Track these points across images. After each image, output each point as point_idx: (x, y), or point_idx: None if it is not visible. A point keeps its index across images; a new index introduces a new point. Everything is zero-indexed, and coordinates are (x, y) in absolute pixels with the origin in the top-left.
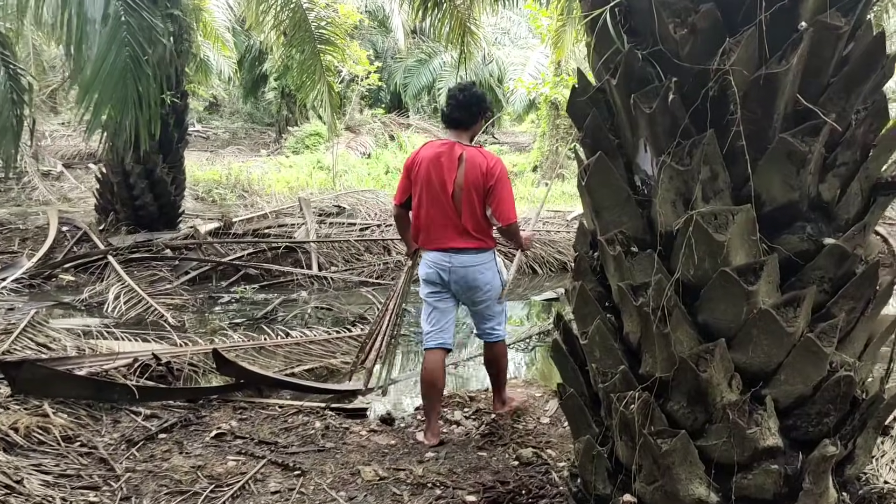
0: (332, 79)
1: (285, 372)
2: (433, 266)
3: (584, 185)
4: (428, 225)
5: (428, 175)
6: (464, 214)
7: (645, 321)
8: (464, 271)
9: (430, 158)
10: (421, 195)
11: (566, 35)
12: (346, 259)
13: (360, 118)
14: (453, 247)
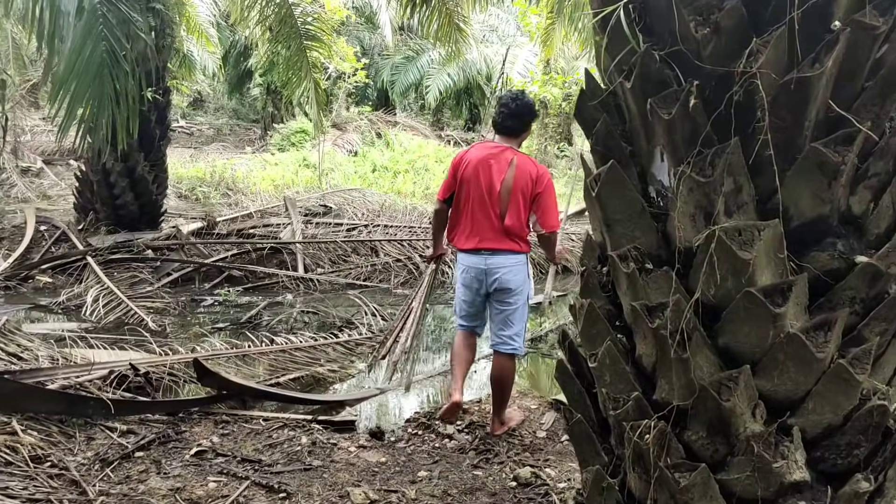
0: (319, 75)
1: (269, 381)
2: (469, 270)
3: (595, 196)
4: (468, 223)
5: (476, 174)
6: (507, 216)
7: (661, 345)
8: (498, 272)
9: (479, 159)
10: (465, 193)
11: (555, 33)
12: (332, 260)
13: (346, 115)
14: (490, 247)
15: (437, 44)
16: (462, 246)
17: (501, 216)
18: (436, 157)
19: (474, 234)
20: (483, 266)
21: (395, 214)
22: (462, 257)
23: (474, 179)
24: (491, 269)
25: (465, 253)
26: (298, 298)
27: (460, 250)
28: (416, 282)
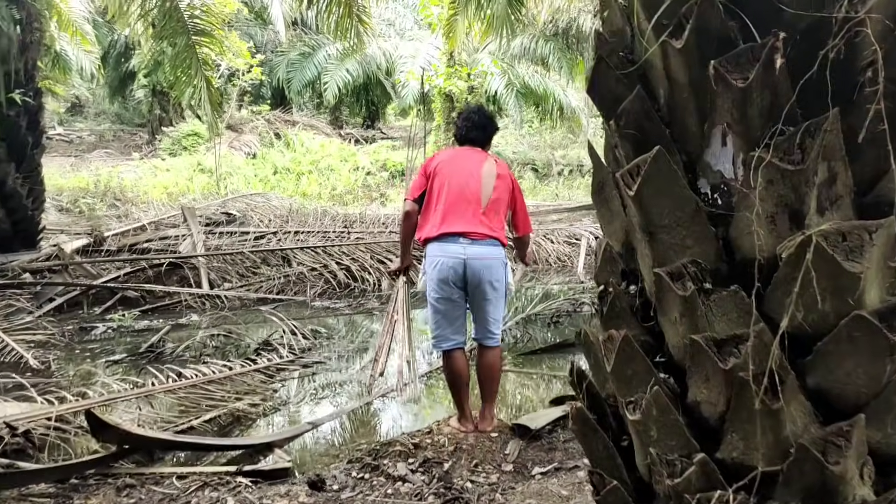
0: (211, 73)
1: (181, 426)
2: (447, 260)
3: (634, 196)
4: (447, 209)
5: (452, 165)
6: (489, 208)
7: (738, 391)
8: (479, 264)
9: (453, 154)
10: (440, 183)
11: (458, 24)
12: (240, 273)
13: (242, 116)
14: (470, 233)
15: (336, 37)
16: (435, 233)
17: (483, 205)
18: (340, 157)
19: (452, 220)
20: (462, 255)
21: (305, 219)
22: (435, 248)
23: (450, 170)
24: (471, 259)
25: (440, 241)
26: (205, 319)
27: (432, 239)
28: (335, 292)
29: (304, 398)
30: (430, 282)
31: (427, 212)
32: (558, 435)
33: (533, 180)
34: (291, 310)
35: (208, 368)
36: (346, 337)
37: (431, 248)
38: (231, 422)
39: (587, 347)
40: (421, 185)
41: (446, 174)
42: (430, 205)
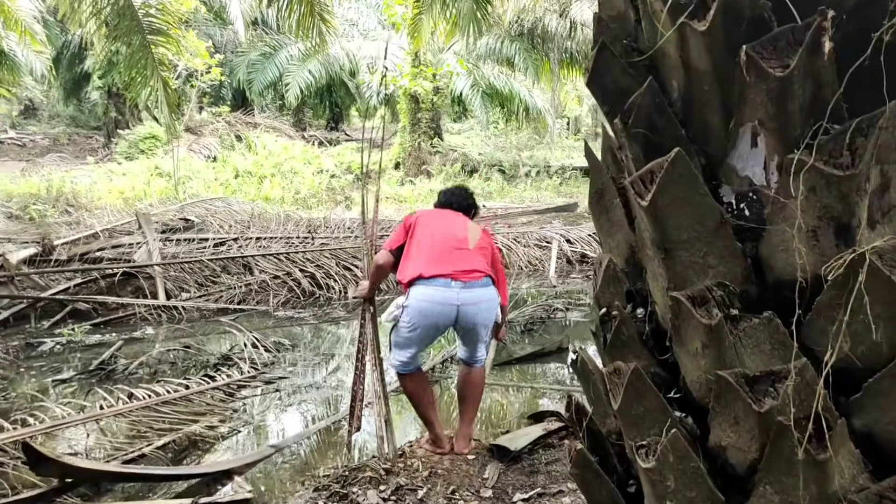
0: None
1: (131, 454)
2: (437, 307)
3: (648, 206)
4: (433, 251)
5: (437, 218)
6: (477, 249)
7: (776, 437)
8: (474, 309)
9: (438, 211)
10: (426, 231)
11: (423, 24)
12: (199, 283)
13: (201, 118)
14: (462, 275)
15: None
16: (422, 273)
17: (472, 247)
18: (303, 159)
19: (440, 262)
20: (455, 302)
21: (268, 224)
22: (422, 292)
23: (434, 221)
24: (465, 305)
25: (428, 285)
26: (161, 332)
27: (418, 280)
28: (300, 301)
29: (266, 418)
30: (409, 321)
31: (408, 256)
32: (539, 456)
33: (500, 182)
34: (254, 320)
35: (163, 388)
36: (312, 349)
37: (418, 291)
38: (187, 447)
39: (584, 378)
40: (399, 238)
41: (430, 224)
42: (411, 249)
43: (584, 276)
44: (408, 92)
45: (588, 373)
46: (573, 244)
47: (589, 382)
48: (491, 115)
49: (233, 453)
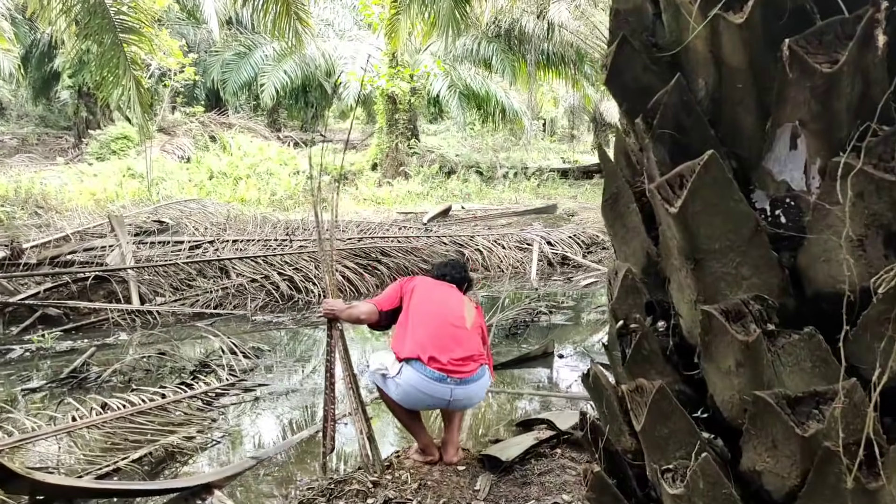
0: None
1: (105, 469)
2: (427, 398)
3: (678, 212)
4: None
5: (433, 288)
6: (473, 329)
7: (822, 464)
8: (466, 402)
9: (433, 281)
10: (422, 300)
11: (401, 24)
12: (174, 287)
13: (174, 118)
14: (458, 372)
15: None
16: (421, 357)
17: (468, 324)
18: (279, 160)
19: (437, 348)
20: (447, 396)
21: (245, 227)
22: (415, 378)
23: (430, 289)
24: (457, 399)
25: (423, 375)
26: (135, 337)
27: (416, 361)
28: (278, 305)
29: (246, 427)
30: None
31: (405, 327)
32: (532, 467)
33: (478, 183)
34: (231, 325)
35: (138, 397)
36: (292, 354)
37: (412, 376)
38: (164, 459)
39: (597, 394)
40: (392, 300)
41: (428, 296)
42: (409, 319)
43: (566, 279)
44: (385, 93)
45: (601, 388)
46: (554, 246)
47: (602, 399)
48: (467, 117)
49: (212, 465)
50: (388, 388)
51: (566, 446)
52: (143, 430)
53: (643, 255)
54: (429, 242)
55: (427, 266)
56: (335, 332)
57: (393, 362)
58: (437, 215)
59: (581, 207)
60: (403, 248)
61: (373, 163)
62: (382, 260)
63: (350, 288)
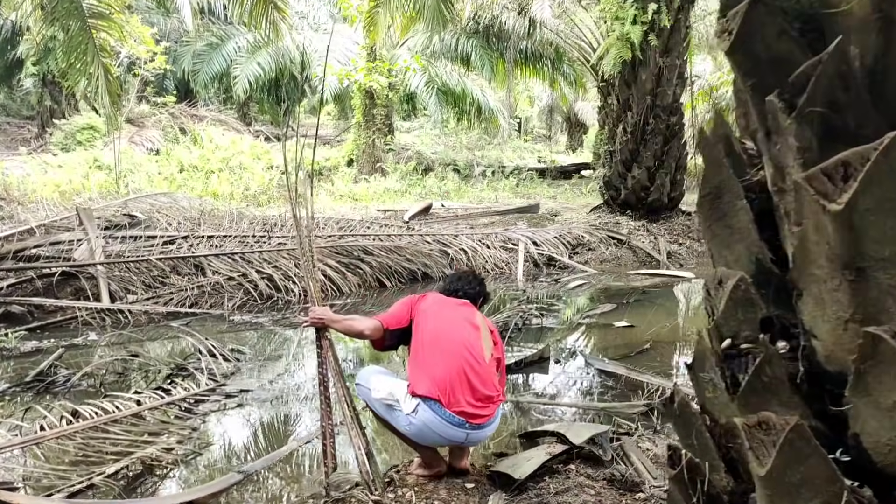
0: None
1: (78, 484)
2: (443, 440)
3: (842, 210)
4: (448, 369)
5: (447, 311)
6: (491, 362)
7: None
8: (478, 441)
9: (446, 300)
10: (438, 329)
11: (380, 17)
12: (146, 284)
13: (143, 109)
14: (477, 413)
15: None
16: (441, 399)
17: (486, 357)
18: (252, 154)
19: (455, 391)
20: (462, 439)
21: (220, 222)
22: (433, 421)
23: (444, 314)
24: (472, 440)
25: (443, 416)
26: (105, 338)
27: (435, 402)
28: (256, 305)
29: (230, 437)
30: (409, 429)
31: (419, 359)
32: (547, 485)
33: (457, 181)
34: (207, 325)
35: (111, 404)
36: (274, 357)
37: (429, 417)
38: (141, 473)
39: (684, 424)
40: (400, 319)
41: (440, 316)
42: (422, 351)
43: (552, 280)
44: (362, 87)
45: (690, 418)
46: (539, 247)
47: (691, 430)
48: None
49: (195, 480)
50: (397, 421)
51: (580, 462)
52: (117, 440)
53: (751, 261)
54: (412, 241)
55: (412, 266)
56: (325, 341)
57: (406, 397)
58: (418, 213)
59: (563, 207)
60: (386, 247)
61: (349, 158)
62: (365, 259)
63: (332, 287)
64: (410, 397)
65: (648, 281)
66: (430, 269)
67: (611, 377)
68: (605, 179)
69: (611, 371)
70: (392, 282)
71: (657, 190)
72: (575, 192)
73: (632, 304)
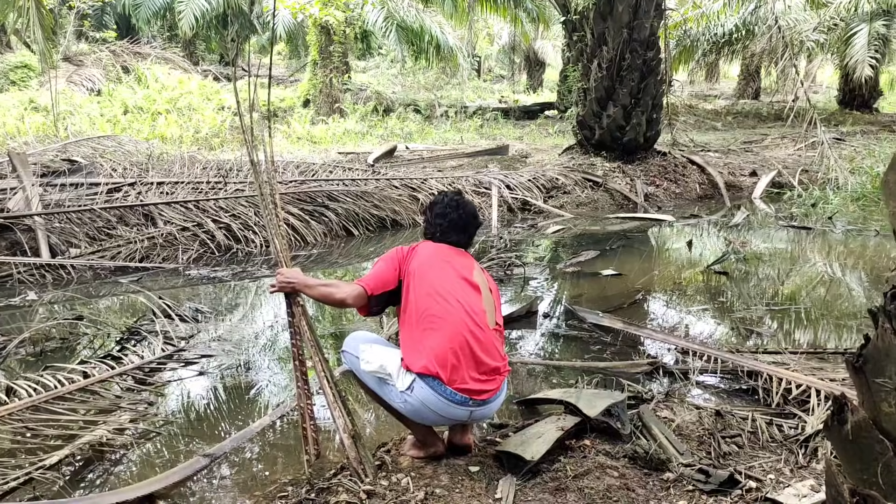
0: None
1: (14, 480)
2: (442, 419)
3: None
4: (450, 338)
5: (441, 270)
6: (494, 329)
7: None
8: (483, 418)
9: (437, 252)
10: (433, 294)
11: None
12: (91, 236)
13: (81, 48)
14: (482, 389)
15: None
16: (441, 375)
17: (490, 322)
18: (202, 95)
19: (458, 363)
20: (465, 417)
21: (170, 167)
22: (432, 399)
23: (438, 274)
24: (474, 419)
25: (443, 394)
26: (46, 297)
27: (434, 378)
28: (214, 257)
29: (192, 414)
30: (404, 406)
31: (414, 326)
32: (563, 466)
33: (420, 123)
34: (160, 280)
35: (53, 377)
36: (238, 315)
37: (427, 395)
38: (90, 460)
39: (860, 452)
40: (387, 281)
41: (434, 274)
42: (417, 315)
43: (528, 226)
44: (318, 22)
45: (872, 446)
46: (513, 190)
47: (871, 461)
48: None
49: (153, 467)
50: (390, 397)
51: (595, 437)
52: (61, 422)
53: None
54: (379, 186)
55: (380, 213)
56: (296, 308)
57: (400, 371)
58: (382, 156)
59: (532, 149)
60: (352, 193)
61: (305, 99)
62: (330, 206)
63: (296, 237)
64: (405, 372)
65: (628, 224)
66: (399, 216)
67: (607, 332)
68: (579, 119)
69: (606, 325)
70: (360, 230)
71: (633, 129)
72: (542, 132)
73: (615, 249)
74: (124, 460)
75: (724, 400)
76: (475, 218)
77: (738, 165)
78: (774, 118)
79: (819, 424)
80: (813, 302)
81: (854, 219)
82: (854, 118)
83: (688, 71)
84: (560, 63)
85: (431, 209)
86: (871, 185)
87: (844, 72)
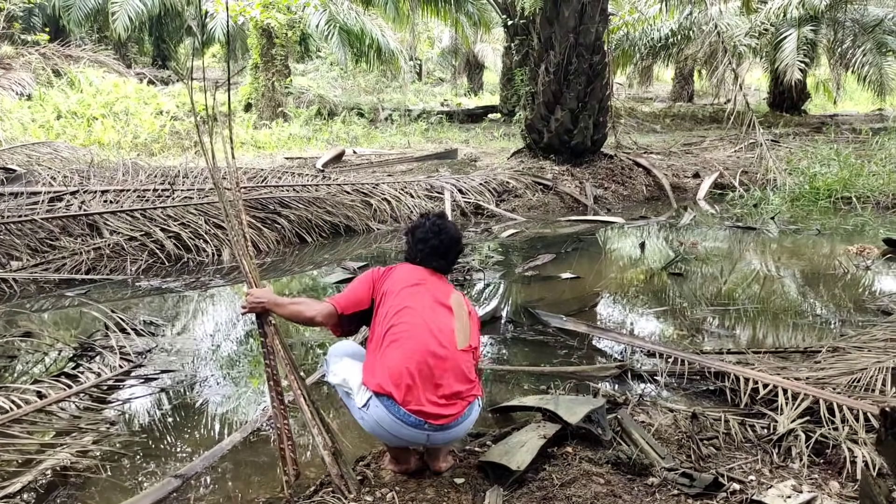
0: None
1: None
2: (398, 441)
3: None
4: (408, 357)
5: (416, 287)
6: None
7: None
8: (446, 443)
9: (412, 272)
10: (402, 305)
11: None
12: (33, 248)
13: (8, 50)
14: (439, 413)
15: None
16: (395, 396)
17: (459, 343)
18: (139, 99)
19: (416, 388)
20: (423, 442)
21: (113, 175)
22: (386, 419)
23: (411, 294)
24: (435, 442)
25: (396, 415)
26: None
27: (388, 398)
28: (164, 267)
29: (158, 433)
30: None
31: (378, 344)
32: (548, 475)
33: (364, 126)
34: (108, 293)
35: (6, 398)
36: (195, 328)
37: (381, 415)
38: (53, 485)
39: None
40: (359, 301)
41: (407, 294)
42: (383, 333)
43: (482, 230)
44: (259, 25)
45: None
46: (465, 194)
47: None
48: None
49: (122, 491)
50: (352, 412)
51: (576, 443)
52: (17, 443)
53: None
54: (331, 192)
55: (333, 219)
56: (269, 328)
57: (359, 388)
58: (330, 160)
59: (480, 152)
60: (304, 199)
61: (246, 103)
62: (282, 212)
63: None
64: (364, 389)
65: (579, 227)
66: (353, 222)
67: (572, 336)
68: (528, 122)
69: (570, 329)
70: (313, 236)
71: (581, 133)
72: (487, 136)
73: (570, 252)
74: (90, 485)
75: (694, 401)
76: (457, 243)
77: (681, 167)
78: (710, 120)
79: (790, 424)
80: (767, 300)
81: (794, 218)
82: (785, 120)
83: (626, 74)
84: (500, 66)
85: (413, 233)
86: (809, 185)
87: (775, 75)
